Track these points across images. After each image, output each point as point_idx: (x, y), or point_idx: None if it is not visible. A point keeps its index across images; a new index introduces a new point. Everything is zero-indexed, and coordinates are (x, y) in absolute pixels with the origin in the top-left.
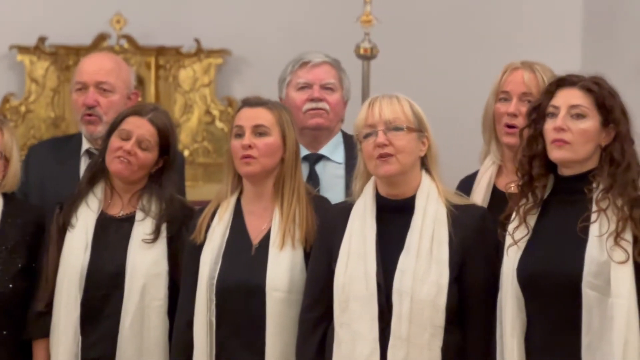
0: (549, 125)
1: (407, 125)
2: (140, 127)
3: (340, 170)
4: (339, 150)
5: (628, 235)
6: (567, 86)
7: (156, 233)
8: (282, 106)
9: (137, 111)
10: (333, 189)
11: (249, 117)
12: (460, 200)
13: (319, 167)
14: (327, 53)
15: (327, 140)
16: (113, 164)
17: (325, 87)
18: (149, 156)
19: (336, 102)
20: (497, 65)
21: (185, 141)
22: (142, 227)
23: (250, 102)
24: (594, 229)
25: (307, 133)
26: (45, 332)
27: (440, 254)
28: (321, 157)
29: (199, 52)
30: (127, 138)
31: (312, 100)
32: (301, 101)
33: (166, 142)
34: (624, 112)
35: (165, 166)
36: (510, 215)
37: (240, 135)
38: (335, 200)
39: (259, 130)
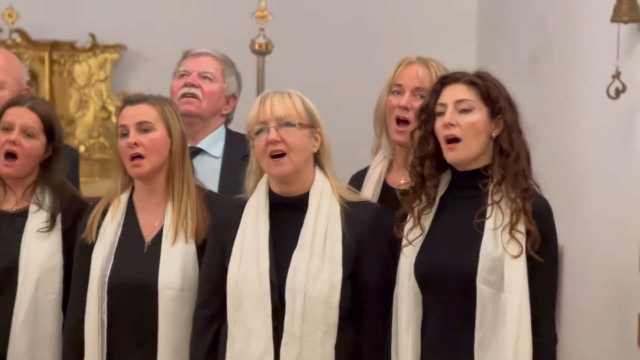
0: (438, 124)
1: (299, 121)
2: (22, 116)
3: (217, 164)
4: (218, 145)
5: (522, 227)
6: (452, 83)
7: (51, 222)
8: (164, 99)
9: (16, 102)
10: (208, 182)
11: (131, 115)
12: (354, 196)
13: (196, 161)
14: (222, 48)
15: (203, 132)
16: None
17: (203, 76)
18: (36, 144)
19: (211, 92)
20: (392, 60)
21: (80, 137)
22: (37, 219)
23: (132, 100)
24: (489, 224)
25: (183, 121)
26: None
27: (334, 251)
28: (199, 151)
29: (94, 47)
30: (10, 129)
31: (186, 85)
32: (177, 87)
33: (50, 128)
34: (509, 102)
35: (54, 153)
36: (405, 215)
37: (125, 134)
38: None
39: (143, 127)
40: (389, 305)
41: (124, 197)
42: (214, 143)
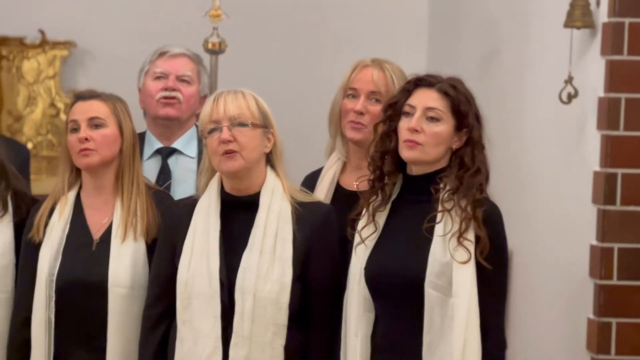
0: (403, 124)
1: (252, 121)
2: None
3: (193, 165)
4: (192, 144)
5: (471, 235)
6: (425, 86)
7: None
8: (116, 97)
9: None
10: (185, 183)
11: (83, 111)
12: (305, 197)
13: (172, 161)
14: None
15: (180, 133)
16: None
17: (181, 79)
18: None
19: (190, 95)
20: (345, 62)
21: (29, 134)
22: None
23: (84, 96)
24: (438, 229)
25: (159, 123)
26: None
27: (284, 251)
28: (174, 151)
29: (44, 44)
30: None
31: (166, 89)
32: (155, 90)
33: None
34: (477, 118)
35: None
36: (360, 212)
37: (75, 129)
38: (187, 194)
39: (95, 123)
40: (339, 307)
41: (71, 195)
42: (188, 142)
